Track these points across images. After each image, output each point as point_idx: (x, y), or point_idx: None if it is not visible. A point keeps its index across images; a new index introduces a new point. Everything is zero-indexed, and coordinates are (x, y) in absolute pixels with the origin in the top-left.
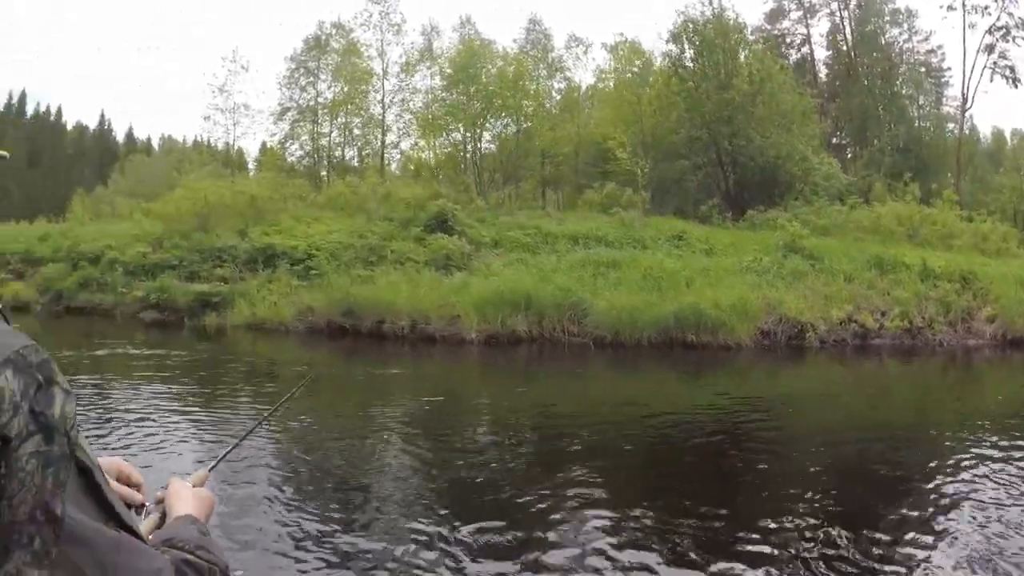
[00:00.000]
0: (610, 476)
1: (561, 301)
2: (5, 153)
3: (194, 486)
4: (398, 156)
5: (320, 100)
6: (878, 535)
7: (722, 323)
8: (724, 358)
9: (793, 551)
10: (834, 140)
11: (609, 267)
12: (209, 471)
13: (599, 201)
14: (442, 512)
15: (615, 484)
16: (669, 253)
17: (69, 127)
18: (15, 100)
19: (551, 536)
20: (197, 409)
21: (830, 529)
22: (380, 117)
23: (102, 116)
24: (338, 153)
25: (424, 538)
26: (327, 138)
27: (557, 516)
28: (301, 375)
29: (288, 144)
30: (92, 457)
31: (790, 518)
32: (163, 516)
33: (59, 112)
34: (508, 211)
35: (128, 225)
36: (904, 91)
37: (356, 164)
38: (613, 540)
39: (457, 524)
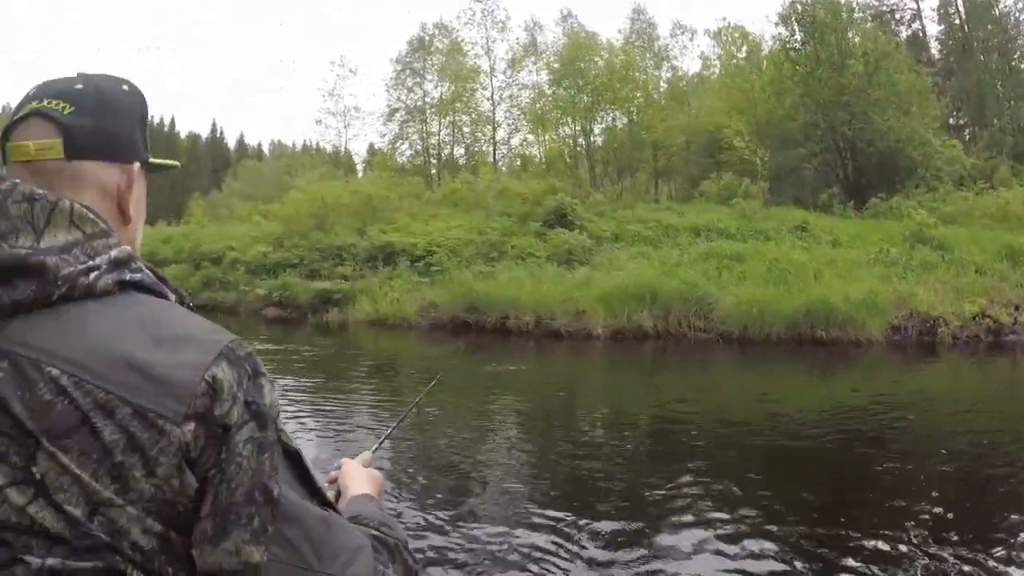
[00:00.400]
0: (731, 474)
1: (687, 295)
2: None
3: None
4: (507, 152)
5: (427, 100)
6: (1005, 548)
7: (852, 318)
8: (854, 355)
9: (915, 560)
10: (951, 121)
11: (733, 260)
12: (373, 452)
13: (716, 192)
14: (561, 505)
15: (736, 482)
16: (793, 245)
17: (182, 136)
18: None
19: (666, 531)
20: (337, 397)
21: (955, 538)
22: (490, 114)
23: (214, 125)
24: (447, 151)
25: (542, 529)
26: (436, 137)
27: (674, 511)
28: (431, 368)
29: (398, 144)
30: (294, 442)
31: (914, 525)
32: (337, 495)
33: (172, 123)
34: (625, 204)
35: (247, 227)
36: (1023, 66)
37: (463, 162)
38: (728, 537)
39: (574, 516)
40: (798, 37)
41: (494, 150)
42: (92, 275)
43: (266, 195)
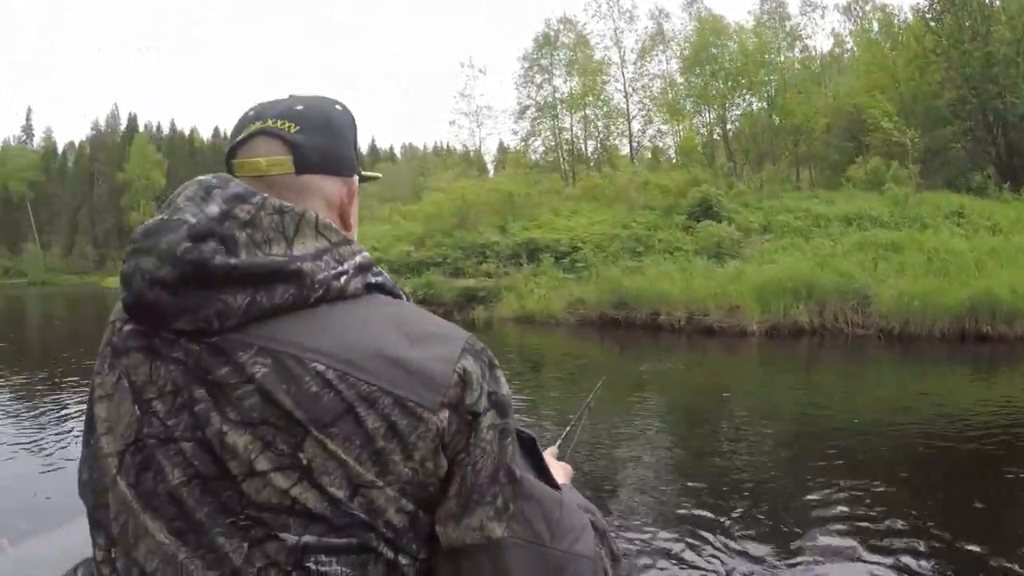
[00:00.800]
0: (885, 477)
1: (843, 288)
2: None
3: None
4: (641, 145)
5: (557, 96)
6: None
7: (1020, 312)
8: (1021, 352)
9: None
10: None
11: (889, 250)
12: (558, 447)
13: (862, 177)
14: (708, 502)
15: (889, 486)
16: (952, 232)
17: None
18: None
19: (811, 532)
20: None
21: None
22: (623, 106)
23: None
24: (580, 146)
25: (688, 524)
26: (569, 132)
27: (821, 513)
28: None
29: (531, 141)
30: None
31: None
32: None
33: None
34: (770, 194)
35: (388, 227)
36: None
37: (596, 156)
38: (874, 542)
39: (720, 514)
40: (937, 7)
41: (630, 143)
42: (343, 279)
43: (401, 196)
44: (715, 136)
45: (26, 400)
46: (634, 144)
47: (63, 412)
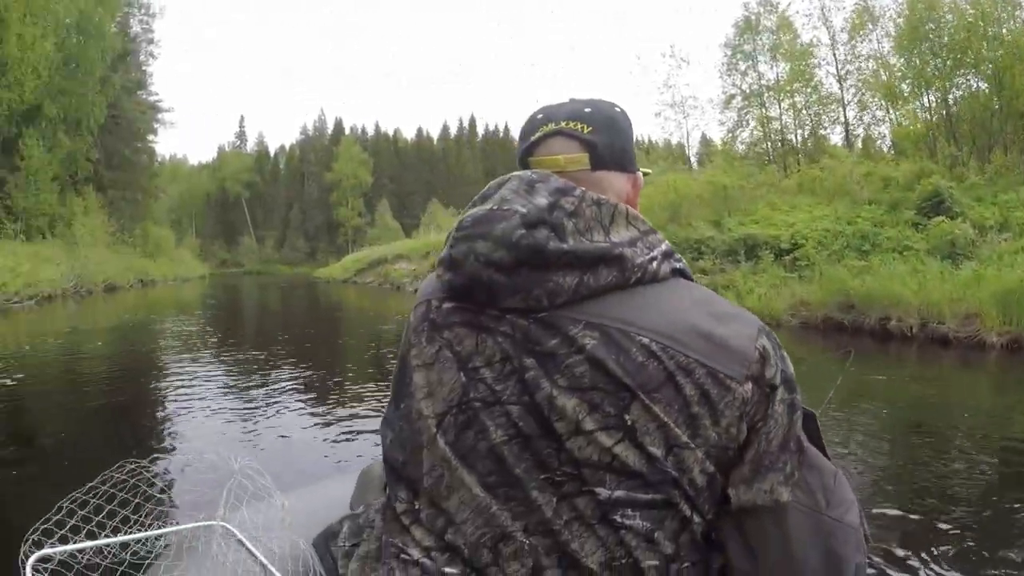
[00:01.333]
0: None
1: None
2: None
3: None
4: (858, 133)
5: (763, 83)
6: None
7: None
8: None
9: None
10: None
11: None
12: None
13: None
14: (911, 523)
15: None
16: None
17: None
18: (466, 123)
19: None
20: None
21: None
22: (836, 91)
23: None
24: (791, 137)
25: (884, 543)
26: (777, 121)
27: None
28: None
29: (738, 132)
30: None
31: None
32: None
33: (506, 128)
34: (1004, 186)
35: None
36: None
37: (806, 146)
38: None
39: (923, 535)
40: None
41: (846, 130)
42: (654, 264)
43: None
44: (933, 120)
45: (249, 373)
46: (851, 132)
47: (287, 384)
